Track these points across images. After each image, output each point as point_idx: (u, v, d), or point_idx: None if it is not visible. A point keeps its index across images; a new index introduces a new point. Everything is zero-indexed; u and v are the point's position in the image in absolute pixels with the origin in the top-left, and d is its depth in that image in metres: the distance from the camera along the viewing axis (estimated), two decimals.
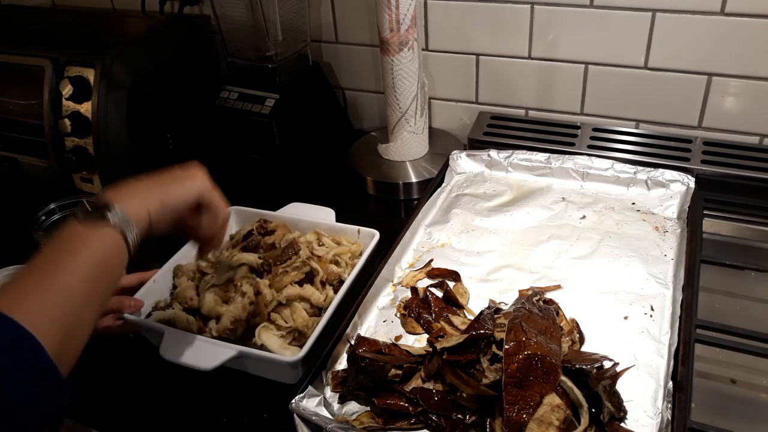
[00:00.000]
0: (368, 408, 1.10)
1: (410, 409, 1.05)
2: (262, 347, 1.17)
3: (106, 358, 1.30)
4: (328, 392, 1.12)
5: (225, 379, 1.20)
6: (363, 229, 1.40)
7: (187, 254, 1.38)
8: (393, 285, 1.35)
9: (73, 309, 0.85)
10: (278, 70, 1.65)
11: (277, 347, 1.18)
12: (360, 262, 1.31)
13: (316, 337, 1.15)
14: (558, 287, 1.29)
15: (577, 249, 1.38)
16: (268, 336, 1.19)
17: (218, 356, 1.11)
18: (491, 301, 1.25)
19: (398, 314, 1.27)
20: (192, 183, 1.06)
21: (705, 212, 1.42)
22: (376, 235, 1.37)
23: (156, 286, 1.31)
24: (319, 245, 1.38)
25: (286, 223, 1.44)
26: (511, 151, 1.62)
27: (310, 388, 1.10)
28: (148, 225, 0.98)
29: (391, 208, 1.67)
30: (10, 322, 0.76)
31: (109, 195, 0.96)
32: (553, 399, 0.95)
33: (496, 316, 1.09)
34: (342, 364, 1.16)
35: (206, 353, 1.12)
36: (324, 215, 1.47)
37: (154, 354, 1.14)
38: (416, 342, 1.21)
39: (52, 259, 0.88)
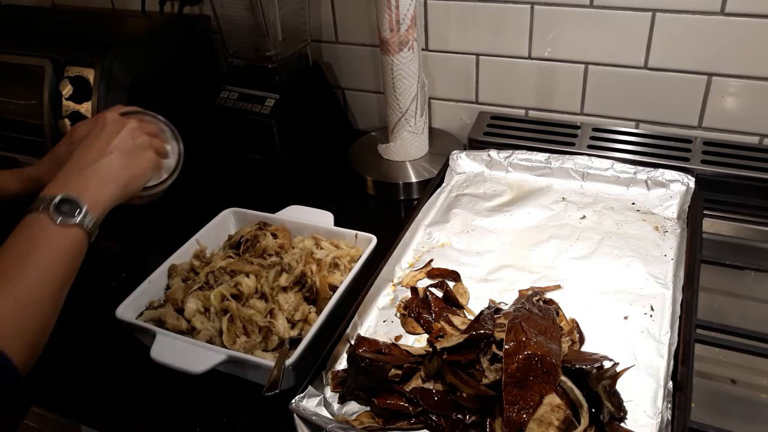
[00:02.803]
0: (368, 408, 1.10)
1: (410, 409, 1.05)
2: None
3: (100, 356, 1.31)
4: (328, 392, 1.12)
5: (224, 378, 1.20)
6: (361, 233, 1.40)
7: (183, 254, 1.39)
8: (393, 285, 1.35)
9: (41, 319, 0.87)
10: (278, 70, 1.65)
11: (269, 357, 1.19)
12: (356, 267, 1.31)
13: (308, 343, 1.15)
14: (558, 287, 1.29)
15: (577, 249, 1.38)
16: (259, 353, 1.20)
17: (208, 360, 1.12)
18: (491, 301, 1.25)
19: (398, 314, 1.27)
20: (148, 168, 1.11)
21: (705, 212, 1.42)
22: (374, 240, 1.37)
23: (151, 286, 1.31)
24: (318, 249, 1.38)
25: (285, 225, 1.44)
26: (511, 151, 1.62)
27: (310, 388, 1.10)
28: (105, 214, 1.01)
29: (391, 208, 1.67)
30: None
31: (73, 184, 0.97)
32: (553, 399, 0.95)
33: (496, 316, 1.09)
34: (342, 364, 1.16)
35: (196, 357, 1.13)
36: (322, 218, 1.47)
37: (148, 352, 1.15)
38: (416, 342, 1.21)
39: (15, 266, 0.88)
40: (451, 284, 1.32)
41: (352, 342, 1.14)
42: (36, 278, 0.88)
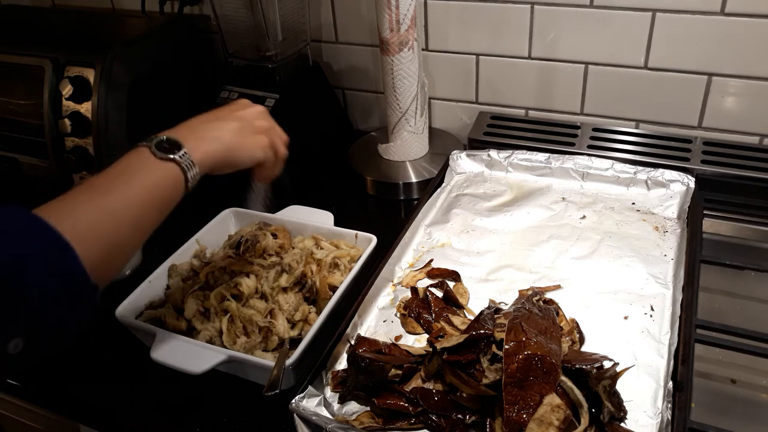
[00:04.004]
0: (368, 408, 1.10)
1: (410, 409, 1.05)
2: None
3: (100, 356, 1.31)
4: (328, 392, 1.12)
5: (224, 378, 1.20)
6: (361, 234, 1.40)
7: (183, 254, 1.39)
8: (393, 285, 1.35)
9: (117, 231, 0.90)
10: (278, 70, 1.65)
11: (270, 357, 1.19)
12: (356, 267, 1.31)
13: (308, 343, 1.15)
14: (558, 287, 1.29)
15: (577, 249, 1.38)
16: (259, 353, 1.20)
17: (208, 360, 1.12)
18: (491, 301, 1.25)
19: (398, 314, 1.27)
20: (258, 149, 1.12)
21: (705, 212, 1.42)
22: (374, 240, 1.37)
23: (151, 286, 1.31)
24: (318, 249, 1.38)
25: (285, 225, 1.44)
26: (511, 151, 1.62)
27: (310, 388, 1.10)
28: (209, 171, 1.04)
29: (391, 208, 1.67)
30: (49, 230, 0.80)
31: (181, 133, 1.02)
32: (553, 399, 0.95)
33: (496, 316, 1.09)
34: (342, 364, 1.16)
35: (196, 357, 1.13)
36: (322, 218, 1.47)
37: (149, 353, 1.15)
38: (416, 342, 1.21)
39: (110, 181, 0.93)
40: (451, 284, 1.32)
41: (352, 342, 1.14)
42: (123, 195, 0.91)
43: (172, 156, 0.97)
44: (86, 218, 0.86)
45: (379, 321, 1.27)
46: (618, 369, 0.99)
